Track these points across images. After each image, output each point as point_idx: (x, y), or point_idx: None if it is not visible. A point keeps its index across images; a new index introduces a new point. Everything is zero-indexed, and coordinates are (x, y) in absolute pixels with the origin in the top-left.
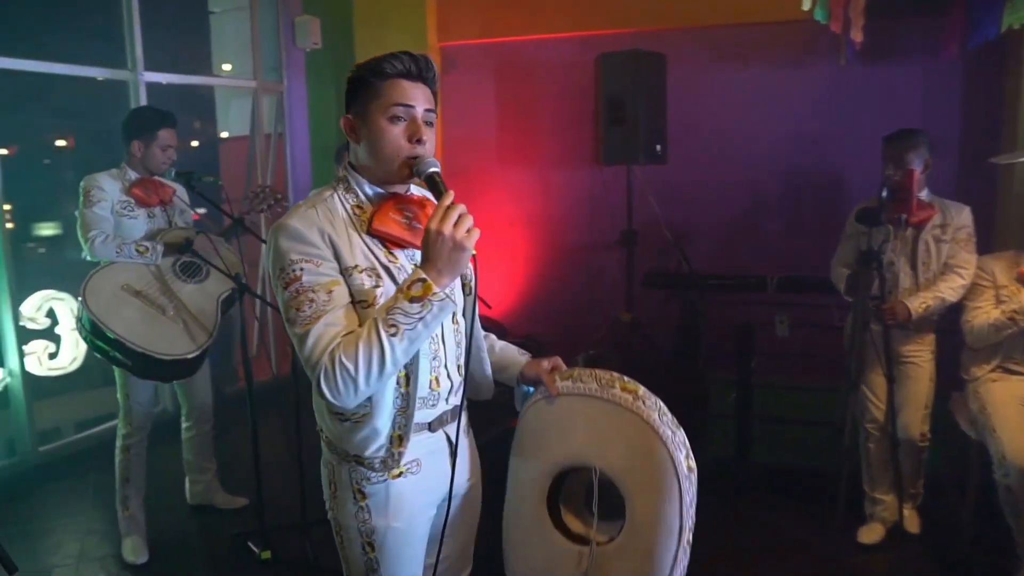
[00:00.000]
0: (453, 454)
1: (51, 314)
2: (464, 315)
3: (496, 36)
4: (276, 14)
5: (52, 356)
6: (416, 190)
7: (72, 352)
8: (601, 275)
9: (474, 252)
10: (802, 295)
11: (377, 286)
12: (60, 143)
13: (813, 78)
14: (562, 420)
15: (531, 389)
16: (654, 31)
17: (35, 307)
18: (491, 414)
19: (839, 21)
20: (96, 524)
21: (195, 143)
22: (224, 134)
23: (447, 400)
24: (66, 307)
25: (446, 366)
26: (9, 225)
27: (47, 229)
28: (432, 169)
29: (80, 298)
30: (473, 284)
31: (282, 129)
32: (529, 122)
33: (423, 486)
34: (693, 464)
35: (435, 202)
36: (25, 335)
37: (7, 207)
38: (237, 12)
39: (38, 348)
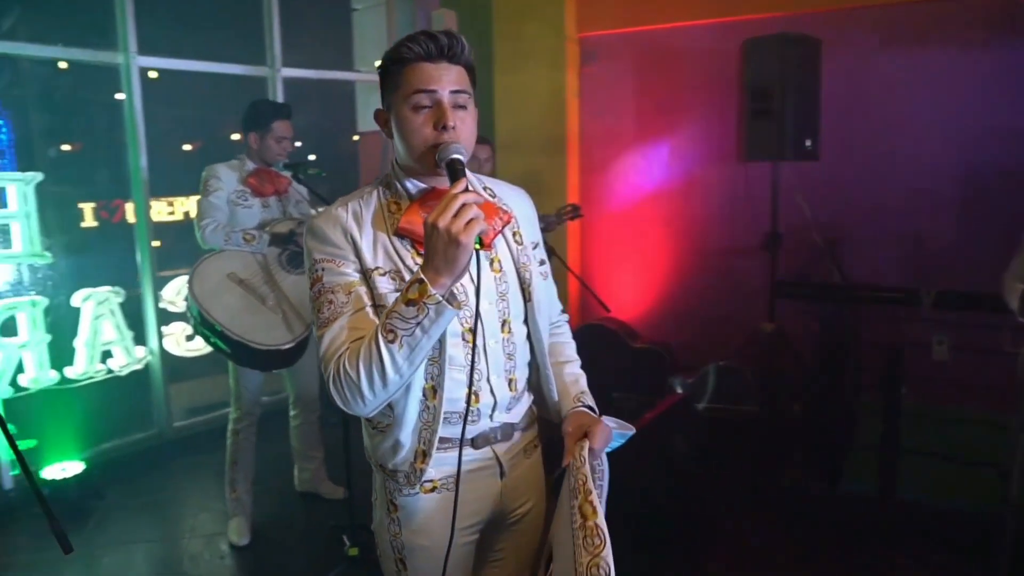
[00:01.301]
0: (457, 480)
1: None
2: (526, 323)
3: (636, 25)
4: (413, 8)
5: (188, 338)
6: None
7: None
8: (741, 281)
9: (477, 247)
10: (968, 313)
11: (398, 290)
12: (235, 137)
13: (1003, 60)
14: (563, 495)
15: None
16: (808, 13)
17: (175, 291)
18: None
19: None
20: (211, 502)
21: (356, 138)
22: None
23: (491, 416)
24: None
25: (489, 379)
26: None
27: None
28: (453, 156)
29: (187, 284)
30: (533, 289)
31: None
32: (669, 115)
33: (462, 506)
34: None
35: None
36: (165, 317)
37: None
38: (378, 8)
39: (176, 330)
